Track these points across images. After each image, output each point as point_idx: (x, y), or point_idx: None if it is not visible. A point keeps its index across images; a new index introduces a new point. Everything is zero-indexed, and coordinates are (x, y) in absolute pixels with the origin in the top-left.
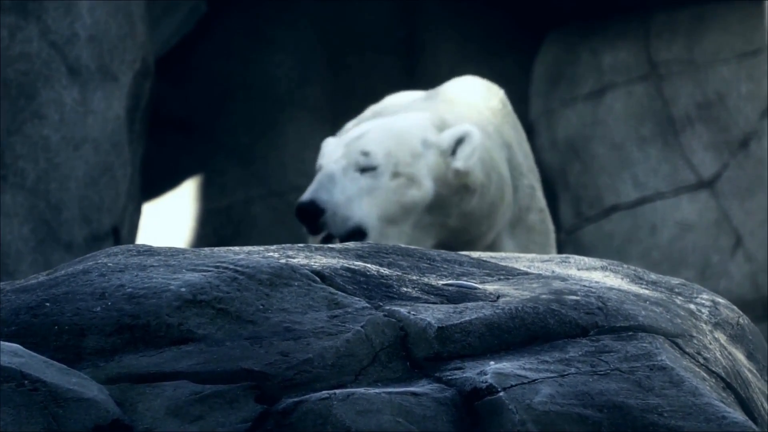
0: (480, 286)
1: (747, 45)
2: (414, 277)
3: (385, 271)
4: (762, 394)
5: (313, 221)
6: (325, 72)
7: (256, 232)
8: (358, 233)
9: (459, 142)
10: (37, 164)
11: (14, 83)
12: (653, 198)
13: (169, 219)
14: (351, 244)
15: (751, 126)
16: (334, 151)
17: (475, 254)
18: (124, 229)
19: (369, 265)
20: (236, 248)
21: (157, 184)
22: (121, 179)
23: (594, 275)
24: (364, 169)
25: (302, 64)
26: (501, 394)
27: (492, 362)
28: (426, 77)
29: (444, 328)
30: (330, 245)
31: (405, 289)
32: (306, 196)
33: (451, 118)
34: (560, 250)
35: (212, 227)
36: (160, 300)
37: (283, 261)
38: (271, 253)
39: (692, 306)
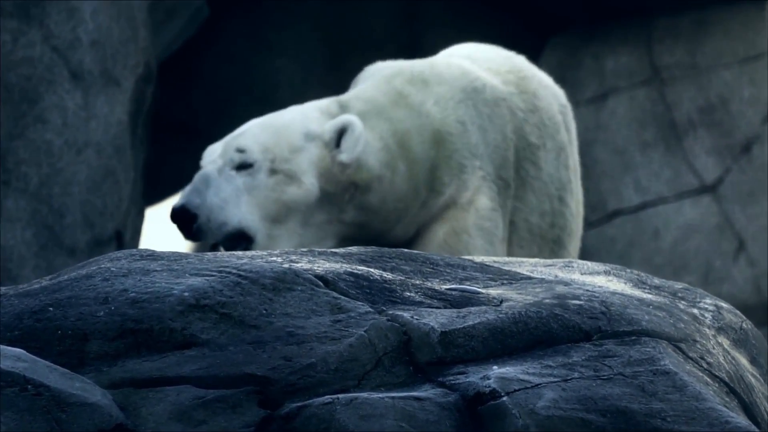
0: (483, 290)
1: (749, 50)
2: (417, 282)
3: (388, 275)
4: (765, 399)
5: (188, 227)
6: (327, 76)
7: None
8: (240, 237)
9: (341, 133)
10: (39, 169)
11: (17, 88)
12: (656, 202)
13: (172, 223)
14: (354, 249)
15: (754, 130)
16: (213, 151)
17: (478, 259)
18: (127, 234)
19: (372, 270)
20: (239, 253)
21: (159, 188)
22: (124, 183)
23: (597, 280)
24: (240, 167)
25: (304, 67)
26: (504, 398)
27: (495, 367)
28: None
29: (447, 333)
30: (333, 249)
31: (408, 293)
32: (178, 201)
33: (359, 105)
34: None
35: None
36: (164, 305)
37: (286, 266)
38: (275, 258)
39: (695, 310)
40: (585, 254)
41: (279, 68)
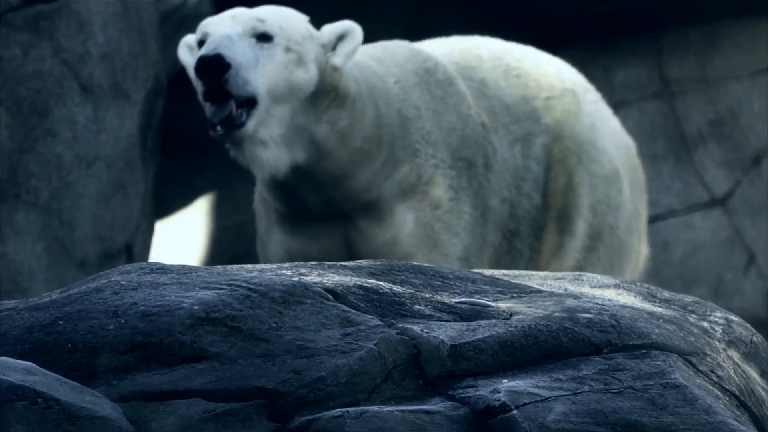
0: (493, 303)
1: (759, 63)
2: (427, 295)
3: (397, 288)
4: None
5: (217, 77)
6: None
7: None
8: (248, 102)
9: (341, 38)
10: (49, 182)
11: (27, 101)
12: (665, 215)
13: (182, 237)
14: (364, 262)
15: (764, 143)
16: (222, 21)
17: (488, 272)
18: (137, 247)
19: (382, 283)
20: (249, 266)
21: (170, 201)
22: (134, 197)
23: (607, 293)
24: (261, 37)
25: None
26: (514, 412)
27: (505, 380)
28: None
29: (457, 346)
30: (343, 263)
31: (418, 306)
32: (208, 51)
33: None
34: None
35: (225, 245)
36: (173, 318)
37: (296, 279)
38: (284, 271)
39: (706, 324)
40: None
41: None
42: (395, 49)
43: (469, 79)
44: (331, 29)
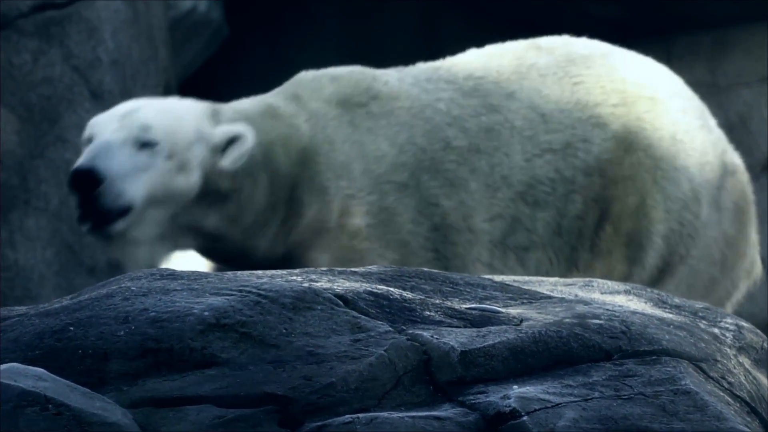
0: (503, 309)
1: None
2: (437, 301)
3: (407, 294)
4: None
5: (89, 191)
6: None
7: None
8: (122, 212)
9: (231, 141)
10: (60, 188)
11: (37, 107)
12: None
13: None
14: (374, 268)
15: None
16: (108, 123)
17: (498, 278)
18: None
19: (392, 289)
20: (259, 272)
21: None
22: None
23: (617, 299)
24: (144, 144)
25: None
26: (524, 418)
27: (515, 386)
28: None
29: (467, 352)
30: (353, 269)
31: (428, 312)
32: (83, 162)
33: (230, 113)
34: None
35: None
36: (184, 324)
37: (306, 285)
38: (294, 277)
39: (716, 330)
40: None
41: None
42: (327, 80)
43: (471, 97)
44: (223, 132)
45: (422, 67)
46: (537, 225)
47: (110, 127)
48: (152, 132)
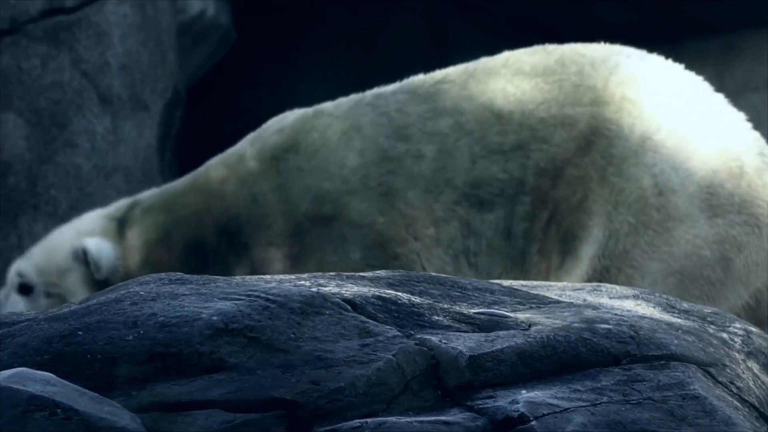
0: (512, 314)
1: None
2: (445, 306)
3: (416, 299)
4: None
5: None
6: None
7: None
8: None
9: (83, 256)
10: (69, 193)
11: (46, 112)
12: None
13: None
14: (382, 273)
15: None
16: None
17: (506, 283)
18: None
19: (400, 294)
20: (267, 276)
21: None
22: None
23: (626, 304)
24: (23, 291)
25: (333, 92)
26: (533, 423)
27: (524, 391)
28: None
29: (476, 357)
30: (361, 273)
31: (436, 317)
32: None
33: (146, 200)
34: None
35: None
36: (192, 328)
37: (314, 289)
38: (303, 282)
39: (725, 335)
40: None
41: (307, 93)
42: (273, 128)
43: (423, 102)
44: (68, 256)
45: (392, 87)
46: (485, 227)
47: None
48: (27, 277)
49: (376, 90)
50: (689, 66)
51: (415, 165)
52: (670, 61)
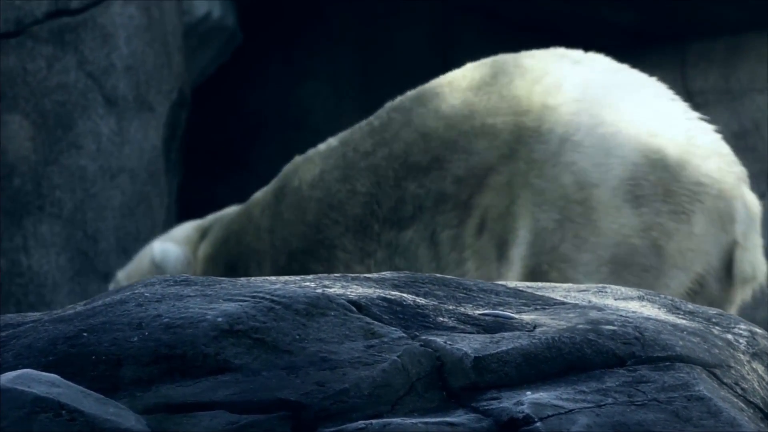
0: (517, 315)
1: None
2: (450, 307)
3: (421, 300)
4: None
5: None
6: (360, 101)
7: None
8: None
9: (160, 264)
10: (74, 194)
11: (51, 113)
12: None
13: None
14: (387, 274)
15: None
16: None
17: (511, 284)
18: None
19: (405, 295)
20: (272, 278)
21: (193, 213)
22: (158, 209)
23: (631, 305)
24: None
25: (337, 93)
26: (538, 424)
27: (529, 392)
28: None
29: (481, 358)
30: (366, 275)
31: (441, 318)
32: None
33: (212, 221)
34: None
35: None
36: (197, 330)
37: (319, 291)
38: (308, 283)
39: (730, 336)
40: None
41: (312, 93)
42: (287, 166)
43: (375, 134)
44: (148, 266)
45: (363, 121)
46: (407, 242)
47: None
48: (119, 284)
49: (357, 125)
50: (695, 68)
51: (349, 206)
52: (609, 62)
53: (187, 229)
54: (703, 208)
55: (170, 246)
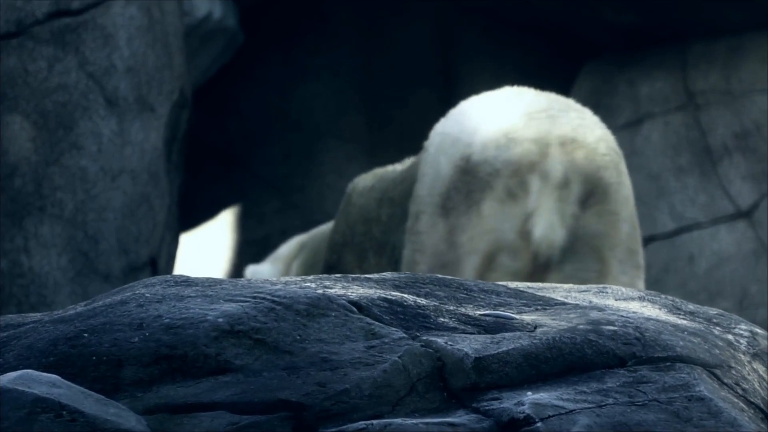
0: (517, 316)
1: None
2: (451, 308)
3: (422, 301)
4: None
5: None
6: (362, 102)
7: None
8: None
9: None
10: (74, 195)
11: (52, 114)
12: (690, 228)
13: (207, 249)
14: (388, 274)
15: None
16: None
17: (512, 284)
18: (161, 260)
19: (406, 296)
20: (273, 278)
21: (194, 214)
22: (159, 210)
23: (631, 305)
24: None
25: (339, 94)
26: (539, 424)
27: (529, 392)
28: None
29: (481, 359)
30: (367, 275)
31: (442, 319)
32: None
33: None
34: None
35: (249, 257)
36: (198, 330)
37: (320, 291)
38: (309, 284)
39: (730, 336)
40: None
41: (314, 94)
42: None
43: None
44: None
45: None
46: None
47: None
48: None
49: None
50: (696, 69)
51: (362, 254)
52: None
53: (290, 243)
54: (492, 193)
55: (261, 268)
